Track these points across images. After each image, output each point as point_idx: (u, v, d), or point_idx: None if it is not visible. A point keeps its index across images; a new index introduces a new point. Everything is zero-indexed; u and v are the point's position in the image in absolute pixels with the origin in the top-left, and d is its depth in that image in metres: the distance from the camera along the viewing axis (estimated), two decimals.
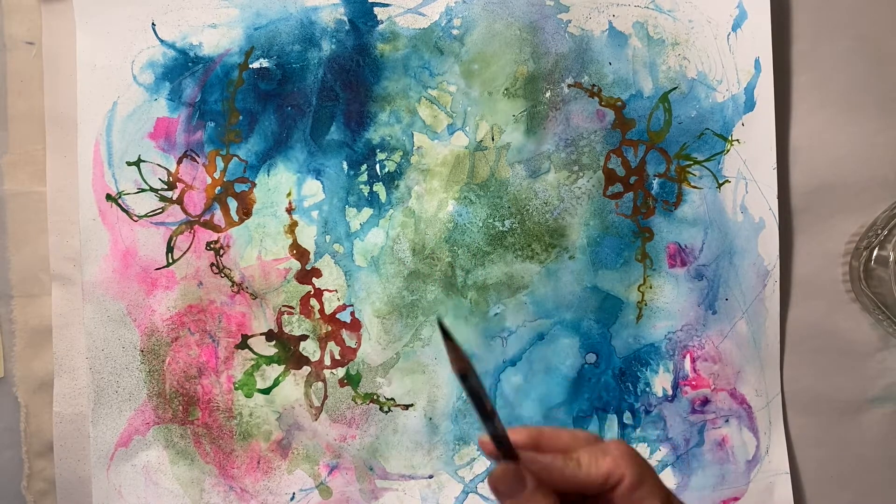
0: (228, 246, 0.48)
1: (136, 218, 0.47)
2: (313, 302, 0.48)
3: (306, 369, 0.48)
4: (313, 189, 0.48)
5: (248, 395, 0.48)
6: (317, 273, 0.48)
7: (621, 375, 0.49)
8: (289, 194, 0.48)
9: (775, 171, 0.48)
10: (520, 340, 0.48)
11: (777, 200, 0.48)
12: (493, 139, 0.48)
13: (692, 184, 0.48)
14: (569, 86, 0.48)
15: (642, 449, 0.49)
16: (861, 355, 0.50)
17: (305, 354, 0.48)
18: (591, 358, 0.49)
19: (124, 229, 0.47)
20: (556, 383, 0.49)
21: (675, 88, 0.48)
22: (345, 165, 0.48)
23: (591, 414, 0.49)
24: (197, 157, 0.48)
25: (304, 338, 0.48)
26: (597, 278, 0.48)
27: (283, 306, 0.48)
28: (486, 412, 0.29)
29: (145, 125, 0.47)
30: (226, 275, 0.48)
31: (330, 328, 0.48)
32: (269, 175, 0.48)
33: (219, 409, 0.48)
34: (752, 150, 0.48)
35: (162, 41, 0.47)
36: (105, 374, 0.48)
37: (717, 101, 0.48)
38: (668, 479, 0.49)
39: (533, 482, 0.30)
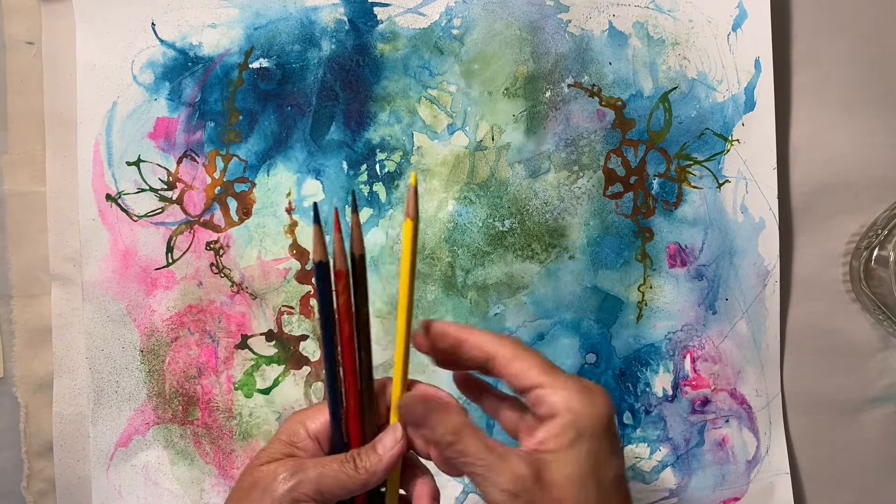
0: (228, 246, 0.48)
1: (135, 218, 0.47)
2: (313, 302, 0.48)
3: (306, 369, 0.48)
4: (313, 189, 0.48)
5: (248, 395, 0.48)
6: None
7: (621, 375, 0.49)
8: (289, 194, 0.48)
9: (775, 171, 0.48)
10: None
11: (777, 200, 0.48)
12: (493, 139, 0.48)
13: (692, 184, 0.48)
14: (569, 86, 0.48)
15: (642, 449, 0.49)
16: (861, 355, 0.50)
17: (305, 354, 0.48)
18: (591, 358, 0.49)
19: (124, 229, 0.47)
20: None
21: (675, 88, 0.48)
22: (345, 165, 0.48)
23: None
24: (197, 157, 0.48)
25: (303, 338, 0.48)
26: (597, 278, 0.48)
27: (283, 306, 0.48)
28: (331, 320, 0.31)
29: (145, 125, 0.47)
30: (226, 275, 0.48)
31: None
32: (268, 175, 0.48)
33: (219, 409, 0.48)
34: (752, 150, 0.48)
35: (162, 41, 0.47)
36: (105, 374, 0.48)
37: (718, 101, 0.48)
38: (669, 479, 0.49)
39: (438, 404, 0.31)
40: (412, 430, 0.32)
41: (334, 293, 0.32)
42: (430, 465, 0.34)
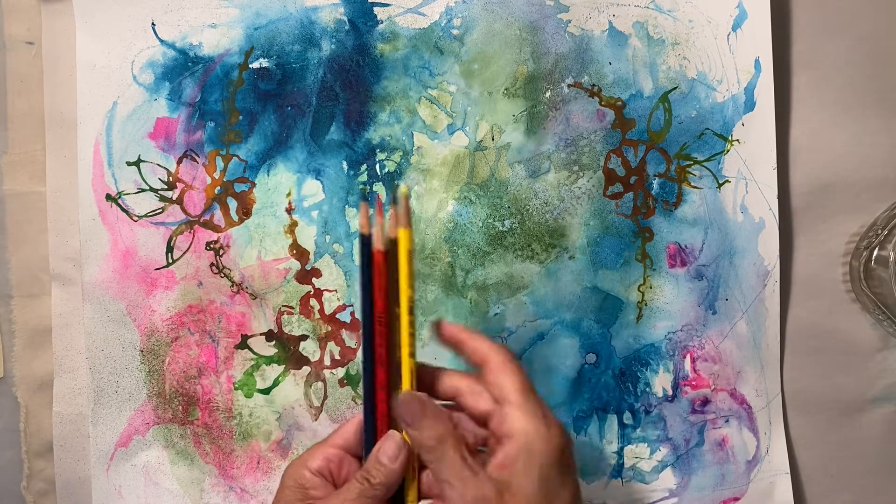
0: (228, 246, 0.48)
1: (136, 218, 0.47)
2: (313, 302, 0.48)
3: (306, 369, 0.48)
4: (313, 189, 0.48)
5: (248, 395, 0.48)
6: (316, 273, 0.48)
7: (621, 375, 0.49)
8: (289, 194, 0.48)
9: (775, 171, 0.48)
10: (520, 340, 0.48)
11: (777, 200, 0.48)
12: (493, 139, 0.48)
13: (692, 184, 0.48)
14: (569, 86, 0.48)
15: (642, 449, 0.49)
16: (861, 355, 0.50)
17: (305, 354, 0.48)
18: (591, 358, 0.49)
19: (124, 229, 0.47)
20: (556, 383, 0.49)
21: (675, 88, 0.48)
22: (345, 165, 0.48)
23: (591, 414, 0.49)
24: (197, 157, 0.48)
25: (303, 338, 0.48)
26: (597, 278, 0.48)
27: (283, 306, 0.48)
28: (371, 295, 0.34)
29: (145, 125, 0.47)
30: (225, 275, 0.48)
31: (330, 328, 0.48)
32: (268, 175, 0.48)
33: (219, 409, 0.48)
34: (752, 150, 0.48)
35: (162, 41, 0.47)
36: (105, 374, 0.48)
37: (717, 101, 0.48)
38: (669, 479, 0.49)
39: (432, 409, 0.32)
40: (403, 426, 0.33)
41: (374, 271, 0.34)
42: None
